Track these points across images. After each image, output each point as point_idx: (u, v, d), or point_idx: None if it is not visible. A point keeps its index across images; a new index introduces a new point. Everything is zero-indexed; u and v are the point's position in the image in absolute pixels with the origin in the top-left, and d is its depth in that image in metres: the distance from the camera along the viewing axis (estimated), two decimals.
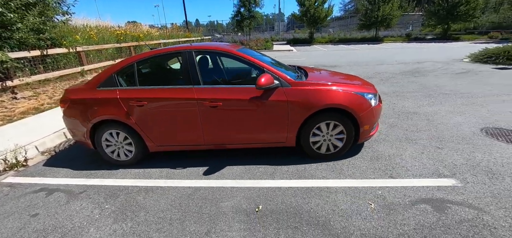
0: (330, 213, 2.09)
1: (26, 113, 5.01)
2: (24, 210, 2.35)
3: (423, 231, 1.87)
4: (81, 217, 2.20)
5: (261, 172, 2.76)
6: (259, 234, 1.90)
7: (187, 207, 2.24)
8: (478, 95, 5.11)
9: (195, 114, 2.68)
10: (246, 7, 18.51)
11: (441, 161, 2.79)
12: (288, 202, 2.24)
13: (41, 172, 3.08)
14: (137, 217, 2.15)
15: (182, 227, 2.01)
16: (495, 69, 7.34)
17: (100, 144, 2.93)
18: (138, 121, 2.74)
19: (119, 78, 2.78)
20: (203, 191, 2.47)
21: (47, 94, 6.14)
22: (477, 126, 3.66)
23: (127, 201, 2.37)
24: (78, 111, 2.84)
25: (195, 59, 2.71)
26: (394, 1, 19.42)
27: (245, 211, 2.15)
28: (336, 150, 2.87)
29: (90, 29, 9.45)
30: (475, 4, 17.61)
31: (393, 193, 2.30)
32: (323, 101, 2.60)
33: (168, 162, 3.07)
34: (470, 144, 3.14)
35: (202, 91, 2.65)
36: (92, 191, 2.59)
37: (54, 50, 6.66)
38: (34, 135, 3.94)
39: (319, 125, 2.73)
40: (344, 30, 29.79)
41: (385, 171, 2.66)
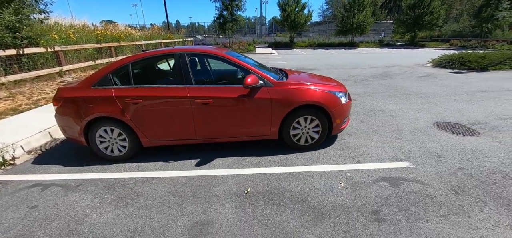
0: (307, 191, 2.48)
1: (3, 114, 4.87)
2: (21, 203, 2.44)
3: (381, 201, 2.32)
4: (82, 206, 2.36)
5: (248, 162, 3.09)
6: (248, 210, 2.23)
7: (183, 193, 2.50)
8: (435, 95, 5.90)
9: (188, 111, 2.95)
10: (229, 10, 18.81)
11: (399, 149, 3.33)
12: (272, 185, 2.59)
13: (31, 169, 3.13)
14: (137, 203, 2.36)
15: (180, 209, 2.27)
16: (452, 73, 8.40)
17: (93, 141, 3.07)
18: (133, 117, 2.94)
19: (114, 77, 2.96)
20: (197, 179, 2.74)
21: (24, 95, 5.94)
22: (431, 121, 4.31)
23: (125, 191, 2.57)
24: (72, 109, 2.96)
25: (187, 61, 2.98)
26: (367, 10, 20.96)
27: (235, 194, 2.47)
28: (313, 141, 3.29)
29: (66, 29, 9.15)
30: (437, 15, 19.70)
31: (359, 175, 2.75)
32: (302, 98, 3.01)
33: (160, 156, 3.28)
34: (424, 135, 3.74)
35: (194, 90, 2.93)
36: (88, 184, 2.74)
37: (31, 50, 6.46)
38: (17, 135, 3.90)
39: (298, 119, 3.13)
40: (322, 35, 31.27)
41: (353, 158, 3.12)
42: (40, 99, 5.80)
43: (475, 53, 8.99)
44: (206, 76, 3.67)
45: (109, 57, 9.77)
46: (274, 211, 2.21)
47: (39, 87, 6.48)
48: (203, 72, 3.76)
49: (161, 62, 3.97)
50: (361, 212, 2.18)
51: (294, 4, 20.86)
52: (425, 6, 19.52)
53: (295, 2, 20.94)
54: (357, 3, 20.68)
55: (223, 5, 18.96)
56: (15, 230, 2.10)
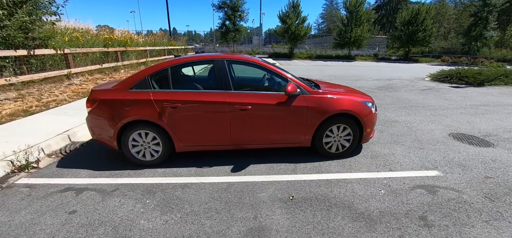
0: (351, 198, 2.51)
1: (14, 116, 4.70)
2: (57, 208, 2.35)
3: (423, 207, 2.38)
4: (125, 211, 2.29)
5: (283, 168, 3.10)
6: (299, 216, 2.23)
7: (227, 199, 2.47)
8: (442, 108, 6.15)
9: (225, 117, 2.96)
10: (232, 20, 19.12)
11: (424, 158, 3.44)
12: (315, 192, 2.61)
13: (58, 173, 3.01)
14: (183, 209, 2.32)
15: (230, 214, 2.24)
16: (451, 87, 8.80)
17: (126, 144, 3.01)
18: (170, 122, 2.92)
19: (152, 81, 2.95)
20: (237, 185, 2.72)
21: (34, 96, 5.76)
22: (445, 132, 4.49)
23: (166, 196, 2.52)
24: (107, 112, 2.91)
25: (226, 67, 3.02)
26: (364, 25, 21.86)
27: (281, 200, 2.47)
28: (343, 149, 3.36)
29: (71, 31, 9.03)
30: (430, 32, 20.82)
31: (395, 182, 2.82)
32: (337, 107, 3.09)
33: (191, 161, 3.24)
34: (443, 145, 3.88)
35: (233, 96, 2.95)
36: (125, 189, 2.66)
37: (42, 51, 6.33)
38: (34, 137, 3.77)
39: (331, 127, 3.20)
40: (318, 47, 32.13)
41: (384, 166, 3.20)
42: (50, 101, 5.64)
43: (472, 70, 9.50)
44: (245, 82, 3.69)
45: (115, 61, 9.66)
46: (325, 217, 2.23)
47: (47, 89, 6.31)
48: (242, 78, 3.78)
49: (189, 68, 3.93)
50: (409, 218, 2.23)
51: (295, 16, 21.50)
52: (419, 24, 20.63)
53: (296, 15, 21.59)
54: (355, 18, 21.57)
55: (226, 15, 19.27)
56: (59, 236, 2.01)
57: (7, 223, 2.15)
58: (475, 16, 19.96)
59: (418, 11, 20.76)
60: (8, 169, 3.04)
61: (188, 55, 3.37)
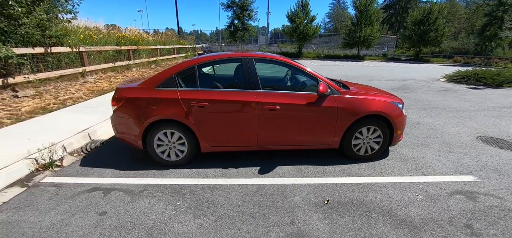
0: (388, 203, 2.40)
1: (33, 113, 4.70)
2: (86, 208, 2.29)
3: (466, 214, 2.26)
4: (157, 213, 2.23)
5: (311, 171, 3.00)
6: (338, 221, 2.14)
7: (260, 202, 2.39)
8: (463, 110, 5.96)
9: (253, 117, 2.87)
10: (241, 19, 19.05)
11: (456, 162, 3.29)
12: (349, 196, 2.51)
13: (83, 172, 2.97)
14: (216, 212, 2.24)
15: (265, 219, 2.16)
16: (469, 89, 8.56)
17: (151, 144, 2.95)
18: (197, 121, 2.84)
19: (179, 79, 2.88)
20: (267, 188, 2.63)
21: (51, 94, 5.78)
22: (472, 135, 4.32)
23: (196, 198, 2.45)
24: (133, 111, 2.86)
25: (255, 66, 2.93)
26: (374, 25, 21.53)
27: (315, 204, 2.37)
28: (372, 151, 3.24)
29: (83, 30, 9.06)
30: (442, 32, 20.36)
31: (431, 187, 2.69)
32: (368, 108, 2.98)
33: (216, 163, 3.16)
34: (473, 149, 3.72)
35: (262, 95, 2.86)
36: (152, 189, 2.60)
37: (58, 49, 6.34)
38: (54, 135, 3.74)
39: (361, 129, 3.08)
40: (325, 47, 31.82)
41: (416, 170, 3.07)
42: (66, 99, 5.65)
43: (490, 71, 9.23)
44: (272, 81, 3.58)
45: (128, 59, 9.67)
46: (366, 224, 2.12)
47: (63, 87, 6.32)
48: (270, 77, 3.67)
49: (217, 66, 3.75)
50: (454, 226, 2.12)
51: (303, 15, 21.29)
52: (431, 23, 20.19)
53: (304, 14, 21.38)
54: (365, 17, 21.25)
55: (235, 14, 19.20)
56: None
57: (38, 223, 2.11)
58: (490, 15, 19.44)
59: (430, 10, 20.31)
60: (33, 167, 3.01)
61: (214, 53, 3.28)
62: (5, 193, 2.57)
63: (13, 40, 5.28)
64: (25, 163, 2.96)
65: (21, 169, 2.90)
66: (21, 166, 2.91)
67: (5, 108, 4.67)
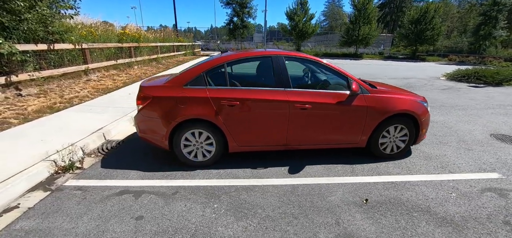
0: (425, 202, 2.41)
1: (40, 112, 4.51)
2: (121, 213, 2.20)
3: (502, 211, 2.30)
4: (196, 217, 2.16)
5: (341, 170, 2.98)
6: (382, 221, 2.12)
7: (299, 203, 2.35)
8: (471, 108, 6.08)
9: (284, 116, 2.82)
10: (240, 17, 18.87)
11: (478, 159, 3.34)
12: (386, 195, 2.50)
13: (106, 174, 2.86)
14: (257, 214, 2.19)
15: (309, 219, 2.12)
16: (470, 87, 8.75)
17: (178, 144, 2.86)
18: (227, 120, 2.78)
19: (208, 77, 2.80)
20: (302, 188, 2.60)
21: (55, 92, 5.56)
22: (486, 132, 4.40)
23: (233, 200, 2.39)
24: (160, 110, 2.76)
25: (285, 64, 2.88)
26: (372, 23, 21.76)
27: (354, 203, 2.35)
28: (398, 150, 3.25)
29: (82, 26, 8.77)
30: (438, 30, 20.78)
31: (461, 185, 2.72)
32: (397, 107, 2.98)
33: (244, 163, 3.09)
34: (491, 147, 3.79)
35: (293, 94, 2.82)
36: (185, 191, 2.52)
37: (61, 46, 6.11)
38: (68, 136, 3.60)
39: (388, 128, 3.08)
40: (321, 45, 31.99)
41: (442, 168, 3.10)
42: (72, 97, 5.45)
43: (490, 70, 9.46)
44: (301, 80, 3.50)
45: (129, 57, 9.42)
46: (410, 223, 2.12)
47: (67, 85, 6.10)
48: (299, 76, 3.58)
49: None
50: (493, 223, 2.14)
51: (302, 13, 21.29)
52: (427, 22, 20.55)
53: (303, 12, 21.38)
54: (363, 15, 21.44)
55: (234, 11, 19.00)
56: None
57: (72, 230, 2.01)
58: (485, 15, 19.96)
59: (427, 9, 20.67)
60: (52, 170, 2.88)
61: (241, 51, 3.21)
62: (28, 197, 2.44)
63: (15, 36, 5.03)
64: (44, 165, 2.82)
65: (41, 171, 2.77)
66: (41, 168, 2.77)
67: (11, 108, 4.46)
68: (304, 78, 3.33)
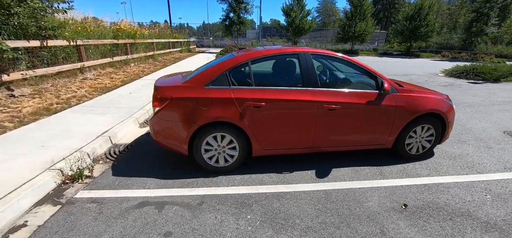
0: (463, 205, 2.32)
1: (37, 115, 4.17)
2: (146, 229, 1.99)
3: None
4: (231, 230, 1.98)
5: (369, 173, 2.87)
6: (427, 228, 2.01)
7: (336, 210, 2.21)
8: (476, 105, 6.12)
9: (312, 117, 2.66)
10: (237, 12, 18.49)
11: (500, 158, 3.31)
12: (423, 199, 2.40)
13: (120, 183, 2.62)
14: (296, 225, 2.03)
15: (352, 229, 1.99)
16: (470, 83, 8.87)
17: (199, 149, 2.65)
18: (251, 123, 2.59)
19: (230, 77, 2.60)
20: (335, 193, 2.46)
21: (50, 92, 5.19)
22: (499, 130, 4.40)
23: (266, 210, 2.22)
24: (180, 112, 2.54)
25: (312, 62, 2.71)
26: (368, 19, 21.87)
27: (394, 209, 2.24)
28: (423, 150, 3.17)
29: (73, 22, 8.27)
30: (432, 27, 21.16)
31: (493, 186, 2.66)
32: (426, 107, 2.88)
33: (267, 167, 2.92)
34: (508, 144, 3.77)
35: (321, 94, 2.66)
36: (212, 201, 2.33)
37: (54, 42, 5.70)
38: (71, 140, 3.33)
39: (415, 128, 2.99)
40: (316, 41, 32.02)
41: (469, 168, 3.04)
42: (70, 98, 5.09)
43: (488, 66, 9.63)
44: (327, 79, 3.30)
45: (125, 54, 9.00)
46: (455, 229, 2.02)
47: (62, 85, 5.71)
48: (324, 75, 3.36)
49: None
50: None
51: (299, 9, 21.11)
52: (422, 19, 20.86)
53: (299, 8, 21.20)
54: (359, 12, 21.50)
55: (230, 7, 18.60)
56: None
57: None
58: (477, 12, 20.47)
59: (421, 6, 20.95)
60: (58, 180, 2.62)
61: (265, 47, 3.01)
62: (36, 213, 2.19)
63: (5, 32, 4.63)
64: (50, 175, 2.56)
65: (47, 182, 2.50)
66: (47, 179, 2.51)
67: (4, 110, 4.10)
68: (330, 76, 3.18)
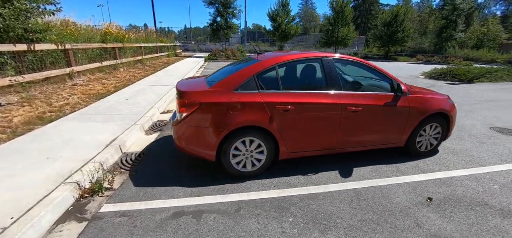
0: (478, 195, 2.54)
1: (30, 124, 3.85)
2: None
3: None
4: (278, 234, 1.97)
5: (388, 170, 3.02)
6: (456, 218, 2.18)
7: (371, 207, 2.30)
8: (460, 104, 6.64)
9: (336, 119, 2.76)
10: (224, 17, 18.42)
11: (494, 152, 3.65)
12: (442, 192, 2.58)
13: (146, 193, 2.49)
14: (339, 224, 2.09)
15: (390, 224, 2.08)
16: (448, 84, 9.67)
17: (227, 154, 2.62)
18: (280, 126, 2.62)
19: (259, 81, 2.61)
20: (365, 191, 2.56)
21: (40, 100, 4.80)
22: (485, 126, 4.83)
23: (305, 212, 2.25)
24: (211, 117, 2.50)
25: (335, 66, 2.81)
26: (350, 26, 23.02)
27: (421, 203, 2.38)
28: (431, 147, 3.41)
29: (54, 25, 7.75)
30: (408, 32, 22.85)
31: (498, 177, 2.93)
32: (435, 107, 3.12)
33: (292, 170, 2.96)
34: (497, 139, 4.16)
35: (345, 97, 2.77)
36: (248, 207, 2.31)
37: (42, 46, 5.29)
38: (78, 151, 3.12)
39: (425, 127, 3.21)
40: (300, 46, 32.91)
41: (471, 161, 3.31)
42: (62, 105, 4.75)
43: (462, 68, 10.58)
44: (347, 82, 3.37)
45: (114, 58, 8.57)
46: (479, 217, 2.20)
47: (52, 91, 5.30)
48: (345, 78, 3.39)
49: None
50: None
51: (284, 14, 21.61)
52: (398, 25, 22.45)
53: (285, 13, 21.72)
54: (341, 18, 22.54)
55: (217, 11, 18.50)
56: None
57: None
58: (446, 19, 22.55)
59: (398, 12, 22.59)
60: (76, 194, 2.43)
61: (290, 52, 3.05)
62: (61, 232, 2.02)
63: None
64: (67, 189, 2.37)
65: (66, 197, 2.32)
66: (65, 193, 2.32)
67: None
68: (351, 80, 3.31)
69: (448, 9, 22.29)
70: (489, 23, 26.63)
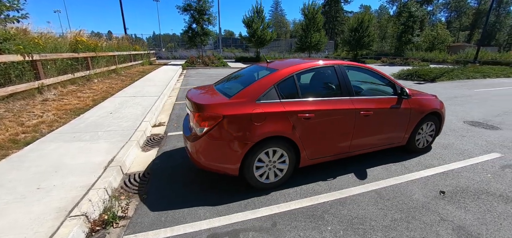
0: (479, 185, 2.82)
1: (3, 149, 3.30)
2: None
3: None
4: None
5: (397, 169, 3.20)
6: (470, 208, 2.39)
7: (396, 206, 2.41)
8: None
9: (351, 124, 2.86)
10: (200, 24, 18.02)
11: (475, 144, 4.08)
12: (449, 184, 2.82)
13: (167, 218, 2.27)
14: (374, 226, 2.14)
15: (419, 220, 2.20)
16: (416, 84, 10.72)
17: (251, 167, 2.53)
18: (302, 135, 2.62)
19: (279, 90, 2.58)
20: (385, 191, 2.67)
21: (9, 119, 4.15)
22: (460, 121, 5.42)
23: (339, 218, 2.26)
24: (235, 130, 2.38)
25: (347, 73, 2.92)
26: (322, 31, 24.38)
27: (436, 197, 2.57)
28: (427, 143, 3.72)
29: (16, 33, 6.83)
30: (373, 37, 25.01)
31: (486, 166, 3.30)
32: (431, 107, 3.44)
33: (310, 177, 2.96)
34: (473, 132, 4.68)
35: (357, 102, 2.88)
36: (283, 220, 2.24)
37: (7, 57, 4.59)
38: (73, 177, 2.76)
39: (422, 125, 3.50)
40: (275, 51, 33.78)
41: (461, 155, 3.67)
42: (37, 124, 4.16)
43: (425, 69, 11.83)
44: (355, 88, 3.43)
45: (86, 69, 7.78)
46: (488, 205, 2.45)
47: (21, 109, 4.61)
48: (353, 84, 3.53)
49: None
50: None
51: (259, 21, 21.98)
52: (364, 30, 24.44)
53: (260, 20, 22.10)
54: (313, 24, 23.73)
55: (193, 18, 18.03)
56: None
57: None
58: (405, 25, 25.26)
59: (363, 19, 24.62)
60: (86, 228, 2.13)
61: (302, 60, 3.06)
62: None
63: None
64: (75, 225, 2.06)
65: (76, 234, 2.00)
66: (74, 229, 2.01)
67: None
68: (359, 86, 3.45)
69: (405, 16, 25.03)
70: (438, 28, 30.52)
